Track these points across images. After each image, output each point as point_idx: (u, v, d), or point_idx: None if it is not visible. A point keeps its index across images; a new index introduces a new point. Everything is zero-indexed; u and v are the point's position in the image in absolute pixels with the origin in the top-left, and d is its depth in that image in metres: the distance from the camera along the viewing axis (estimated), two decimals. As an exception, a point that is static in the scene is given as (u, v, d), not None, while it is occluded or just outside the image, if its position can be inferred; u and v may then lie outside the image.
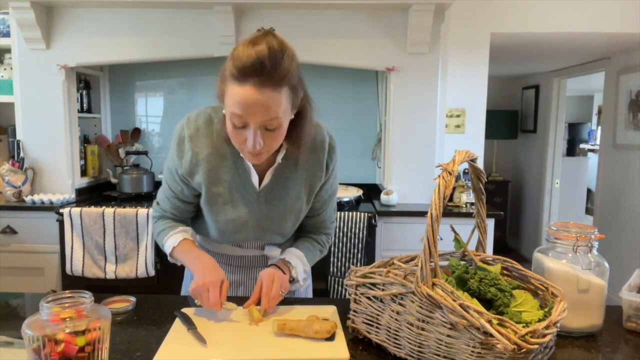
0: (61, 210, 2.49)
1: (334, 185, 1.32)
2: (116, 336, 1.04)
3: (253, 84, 0.99)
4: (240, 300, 1.18)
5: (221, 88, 1.06)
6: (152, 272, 2.50)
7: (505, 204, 5.19)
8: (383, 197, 2.75)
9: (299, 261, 1.27)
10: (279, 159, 1.19)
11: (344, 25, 2.71)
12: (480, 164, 1.36)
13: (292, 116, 1.10)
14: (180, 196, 1.26)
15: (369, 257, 2.54)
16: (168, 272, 2.47)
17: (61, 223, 2.50)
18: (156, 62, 3.02)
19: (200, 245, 1.40)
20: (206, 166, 1.19)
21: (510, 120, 5.15)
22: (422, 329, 0.90)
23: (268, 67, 0.98)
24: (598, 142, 5.37)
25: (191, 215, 1.33)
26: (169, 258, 1.30)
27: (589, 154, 6.50)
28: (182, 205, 1.28)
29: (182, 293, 1.46)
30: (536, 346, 0.80)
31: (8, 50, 2.83)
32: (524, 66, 4.59)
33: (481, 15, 2.96)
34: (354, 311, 1.05)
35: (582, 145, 6.71)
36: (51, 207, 2.57)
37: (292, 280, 1.26)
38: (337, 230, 2.49)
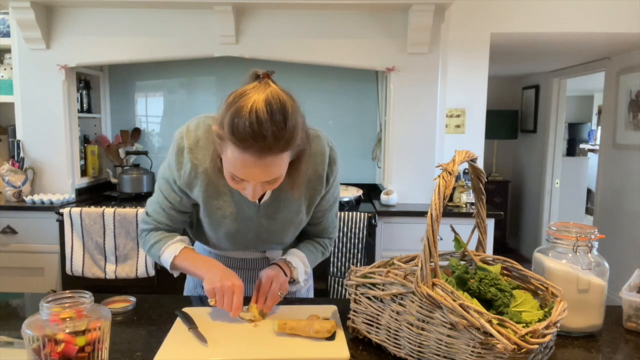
0: (61, 210, 2.49)
1: (335, 194, 1.29)
2: (116, 336, 1.04)
3: (253, 153, 0.95)
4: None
5: (219, 134, 0.99)
6: (152, 272, 2.50)
7: (505, 204, 5.19)
8: (383, 197, 2.75)
9: (300, 262, 1.26)
10: None
11: (344, 25, 2.71)
12: (480, 164, 1.36)
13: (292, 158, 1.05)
14: (178, 207, 1.21)
15: (369, 257, 2.53)
16: (168, 272, 2.46)
17: (61, 223, 2.50)
18: (156, 62, 3.02)
19: (201, 249, 1.40)
20: (205, 179, 1.14)
21: (510, 120, 5.15)
22: (422, 329, 0.90)
23: (270, 139, 0.93)
24: (598, 142, 5.37)
25: (186, 225, 1.30)
26: (168, 269, 1.25)
27: (589, 154, 6.49)
28: (179, 216, 1.24)
29: (185, 293, 1.45)
30: (536, 346, 0.80)
31: (8, 50, 2.83)
32: (524, 66, 4.59)
33: (481, 15, 2.96)
34: (354, 311, 1.05)
35: (582, 145, 6.71)
36: (51, 207, 2.57)
37: (293, 281, 1.25)
38: (337, 230, 2.49)
